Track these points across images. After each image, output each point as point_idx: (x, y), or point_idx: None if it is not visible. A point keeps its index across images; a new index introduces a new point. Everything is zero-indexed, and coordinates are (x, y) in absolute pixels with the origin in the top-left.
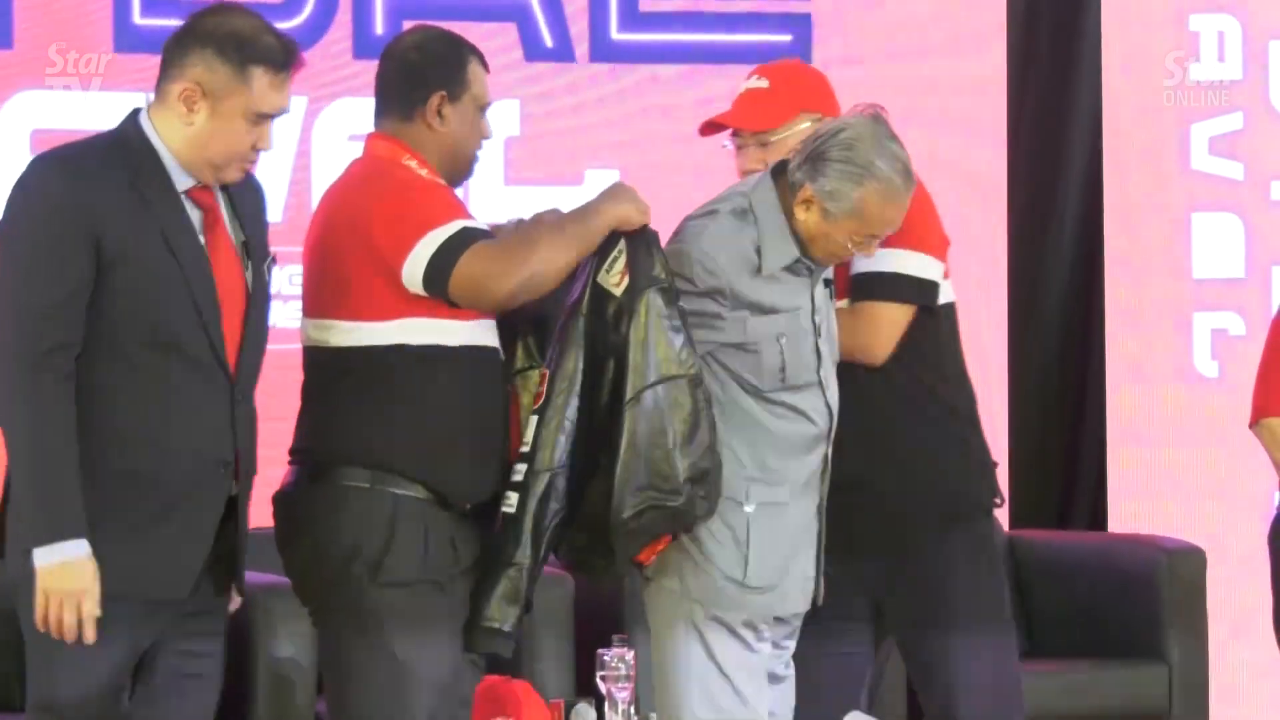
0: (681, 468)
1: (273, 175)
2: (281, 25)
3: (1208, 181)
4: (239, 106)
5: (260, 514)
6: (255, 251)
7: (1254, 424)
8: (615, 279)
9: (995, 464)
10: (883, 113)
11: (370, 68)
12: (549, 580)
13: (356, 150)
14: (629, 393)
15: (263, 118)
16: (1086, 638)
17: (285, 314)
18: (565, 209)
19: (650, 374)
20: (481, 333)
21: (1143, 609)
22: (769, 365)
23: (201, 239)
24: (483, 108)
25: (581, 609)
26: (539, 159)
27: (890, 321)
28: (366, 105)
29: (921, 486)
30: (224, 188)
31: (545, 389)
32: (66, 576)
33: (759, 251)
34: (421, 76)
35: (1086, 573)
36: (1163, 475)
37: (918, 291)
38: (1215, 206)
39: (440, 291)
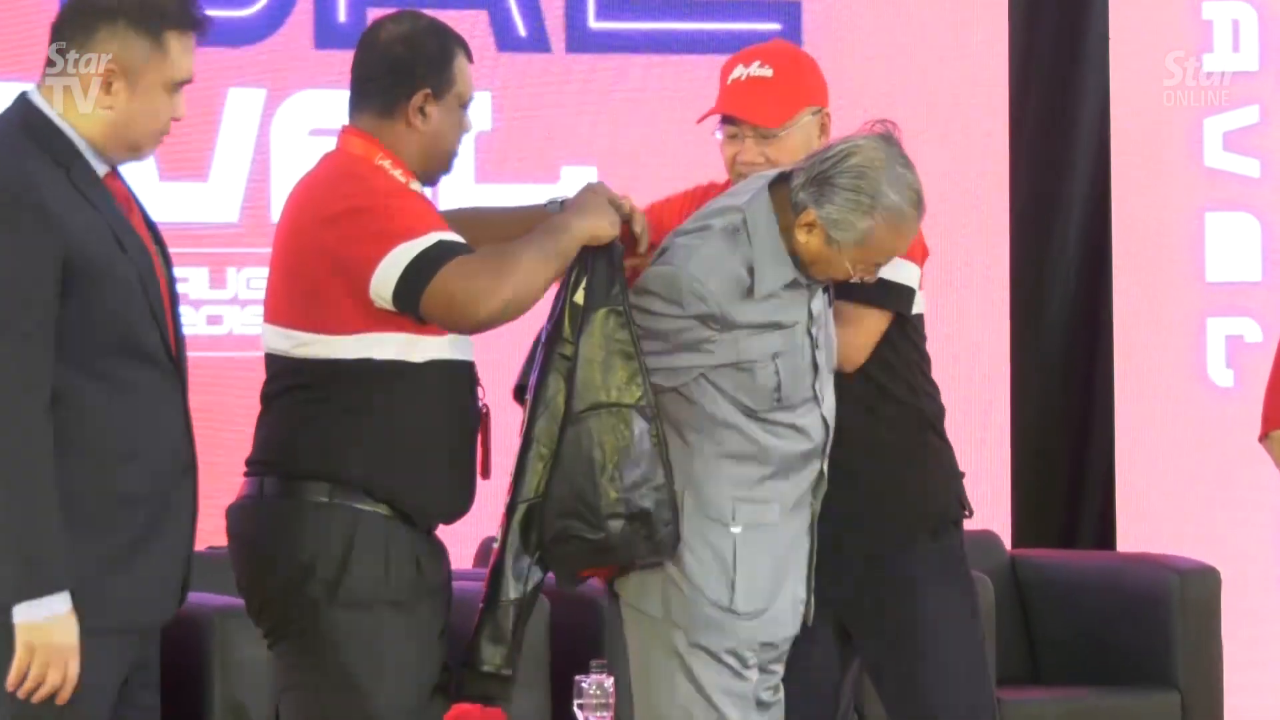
0: (606, 500)
1: (228, 173)
2: (238, 13)
3: (1222, 179)
4: (159, 79)
5: (207, 529)
6: (160, 238)
7: (1263, 437)
8: (583, 296)
9: (963, 474)
10: (894, 131)
11: (333, 58)
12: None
13: (319, 146)
14: (571, 411)
15: (179, 86)
16: (1094, 663)
17: (243, 319)
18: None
19: (590, 395)
20: (453, 347)
21: (1153, 632)
22: (763, 385)
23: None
24: (465, 103)
25: (558, 633)
26: (512, 155)
27: (869, 328)
28: (328, 98)
29: (886, 496)
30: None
31: (526, 415)
32: (54, 633)
33: (751, 272)
34: (407, 72)
35: (1094, 594)
36: (1174, 491)
37: (897, 299)
38: (1230, 205)
39: (411, 309)
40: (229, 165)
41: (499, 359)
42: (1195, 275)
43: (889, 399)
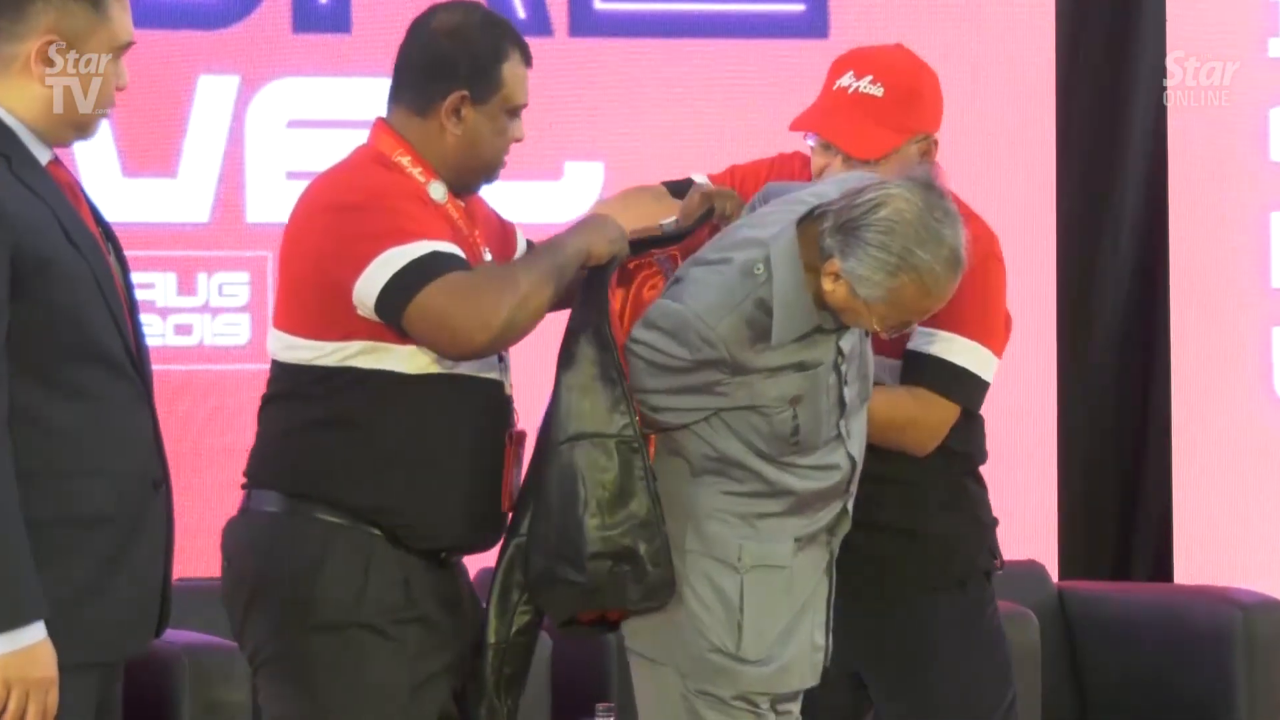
0: (590, 539)
1: (199, 169)
2: None
3: None
4: (101, 46)
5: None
6: (112, 235)
7: None
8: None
9: (996, 522)
10: (938, 177)
11: (312, 43)
12: None
13: (296, 139)
14: (552, 441)
15: (122, 50)
16: (1149, 706)
17: (214, 329)
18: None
19: (570, 426)
20: (461, 362)
21: (1214, 673)
22: (779, 431)
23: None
24: (515, 110)
25: (560, 673)
26: (512, 149)
27: (947, 421)
28: (307, 87)
29: (912, 540)
30: None
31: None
32: (32, 665)
33: (769, 312)
34: (448, 69)
35: (1149, 631)
36: (1237, 517)
37: (970, 392)
38: None
39: (393, 322)
40: (199, 160)
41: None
42: (1260, 280)
43: (941, 448)
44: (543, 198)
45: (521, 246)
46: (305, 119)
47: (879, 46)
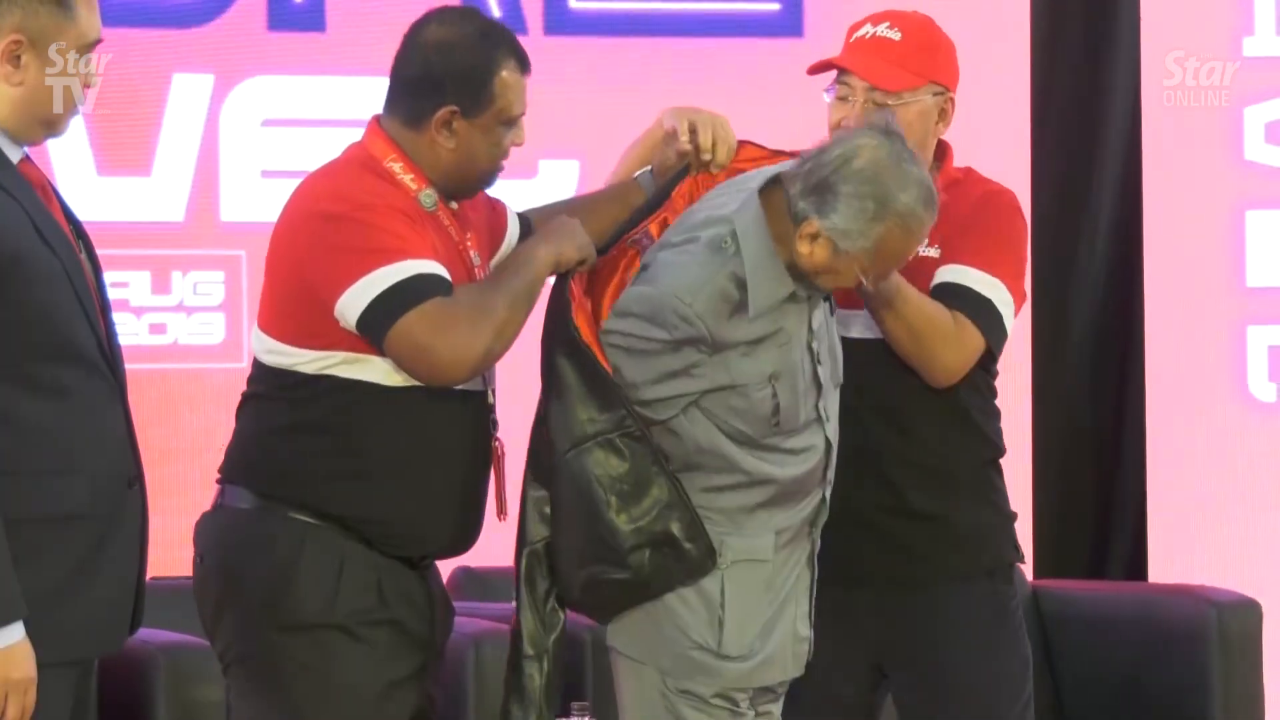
0: (623, 535)
1: (173, 167)
2: None
3: (1264, 174)
4: (70, 44)
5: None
6: (83, 233)
7: None
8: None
9: (1015, 515)
10: (894, 122)
11: (287, 41)
12: (496, 641)
13: (271, 138)
14: (557, 455)
15: (90, 48)
16: (1124, 705)
17: (189, 328)
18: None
19: (571, 434)
20: None
21: (1189, 671)
22: (760, 411)
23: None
24: (510, 120)
25: None
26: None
27: (976, 352)
28: (283, 85)
29: (945, 528)
30: None
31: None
32: (11, 665)
33: (742, 286)
34: (436, 84)
35: (1124, 630)
36: (1212, 516)
37: (1000, 341)
38: (1273, 203)
39: (375, 339)
40: (174, 158)
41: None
42: (1235, 280)
43: (968, 425)
44: (518, 196)
45: (513, 230)
46: (280, 118)
47: (897, 10)
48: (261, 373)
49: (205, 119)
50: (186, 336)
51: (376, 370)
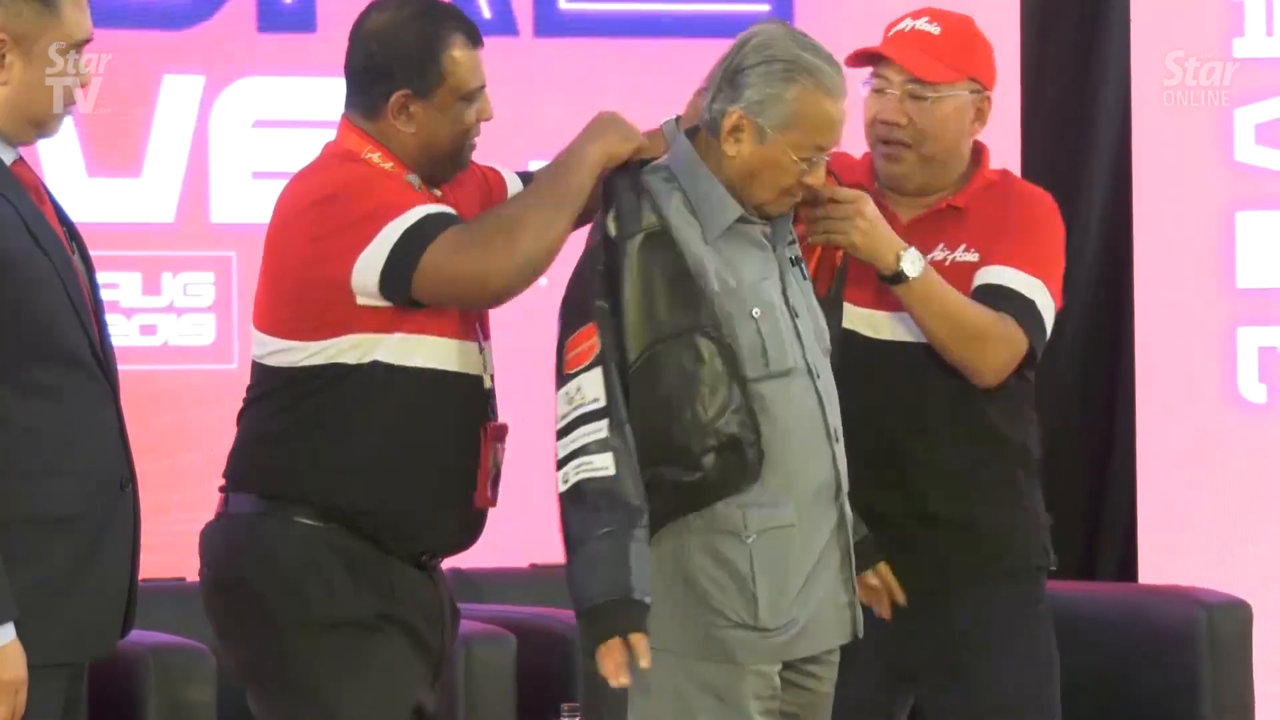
0: (697, 435)
1: (163, 169)
2: None
3: (1254, 175)
4: (55, 43)
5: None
6: (77, 235)
7: None
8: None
9: (1050, 519)
10: (982, 152)
11: (277, 43)
12: (485, 639)
13: (261, 139)
14: (626, 361)
15: (78, 48)
16: (1114, 706)
17: (180, 329)
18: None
19: (645, 335)
20: (448, 356)
21: (1179, 672)
22: (749, 345)
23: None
24: (467, 95)
25: (526, 672)
26: (476, 149)
27: (1019, 354)
28: (272, 86)
29: (966, 531)
30: None
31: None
32: (2, 666)
33: (695, 214)
34: (382, 71)
35: (1114, 631)
36: (1202, 518)
37: (1042, 338)
38: (1263, 204)
39: (401, 293)
40: (164, 160)
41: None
42: (1225, 281)
43: (992, 431)
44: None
45: (513, 185)
46: (270, 119)
47: (934, 7)
48: (263, 375)
49: (195, 120)
50: (177, 338)
51: (386, 349)
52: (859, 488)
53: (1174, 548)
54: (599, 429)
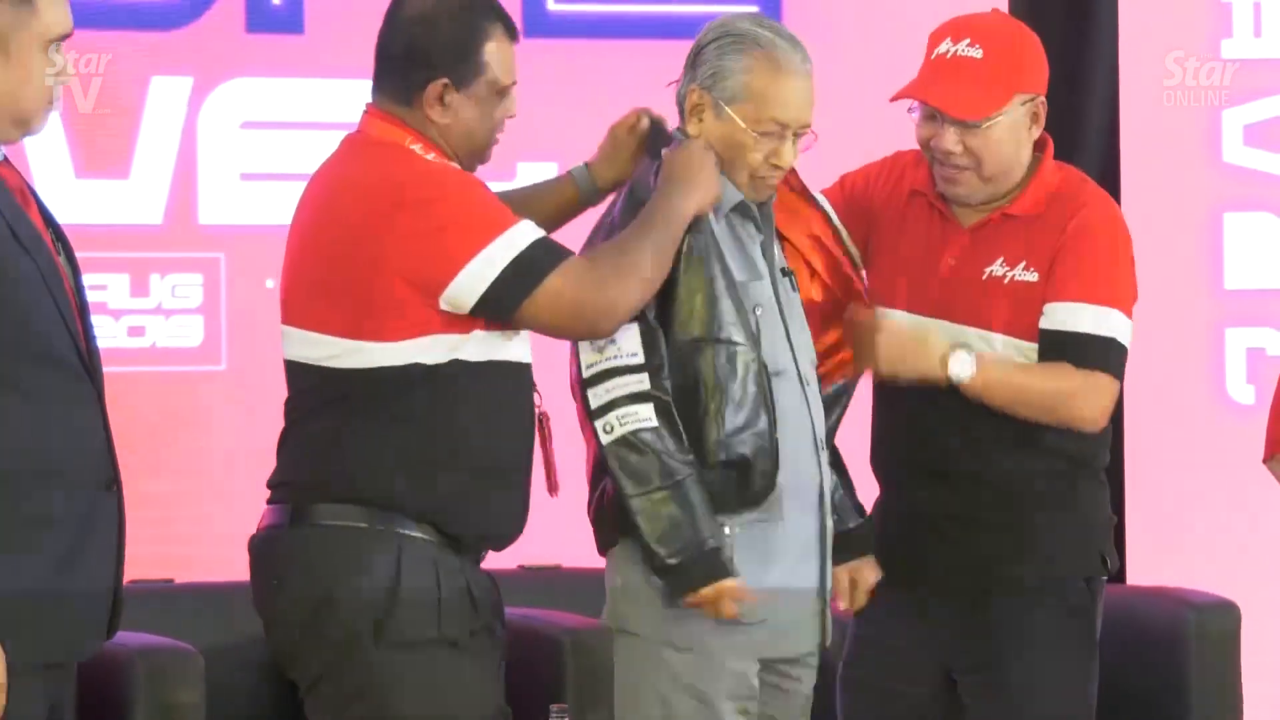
0: (708, 442)
1: (152, 170)
2: None
3: (1242, 176)
4: (33, 39)
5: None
6: (63, 236)
7: (1268, 459)
8: None
9: (1112, 523)
10: (1046, 144)
11: (266, 43)
12: None
13: (251, 140)
14: (674, 338)
15: (58, 42)
16: (1103, 705)
17: (168, 330)
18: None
19: (693, 328)
20: (509, 345)
21: (1167, 673)
22: (747, 322)
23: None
24: (503, 90)
25: (515, 675)
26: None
27: (1109, 393)
28: (262, 87)
29: (1009, 541)
30: None
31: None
32: None
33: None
34: (422, 58)
35: (1103, 631)
36: (1190, 519)
37: (1120, 360)
38: (1251, 205)
39: (500, 314)
40: (152, 161)
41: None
42: (1213, 282)
43: (1038, 441)
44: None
45: None
46: (259, 120)
47: (975, 13)
48: (322, 378)
49: (184, 121)
50: (165, 339)
51: (461, 348)
52: (906, 489)
53: (1162, 549)
54: (639, 380)
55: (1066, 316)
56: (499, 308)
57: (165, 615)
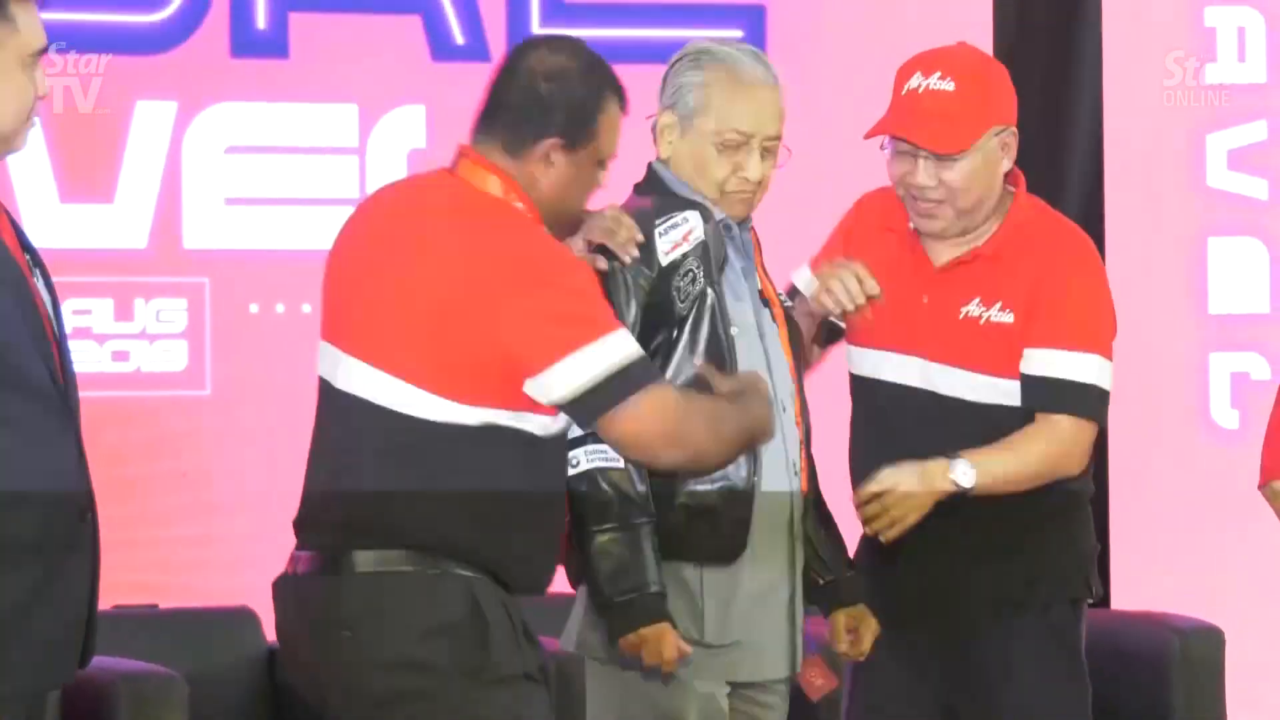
0: (679, 491)
1: (136, 195)
2: (146, 18)
3: (1226, 201)
4: (13, 55)
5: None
6: (39, 261)
7: (1263, 485)
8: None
9: (1097, 548)
10: (1017, 178)
11: (250, 68)
12: None
13: (235, 165)
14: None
15: (36, 57)
16: None
17: (152, 355)
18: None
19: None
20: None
21: (1152, 697)
22: (730, 347)
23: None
24: (603, 161)
25: None
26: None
27: (1089, 439)
28: (246, 112)
29: (986, 563)
30: None
31: None
32: None
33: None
34: (544, 114)
35: (1087, 655)
36: (1174, 543)
37: (1103, 407)
38: (1235, 230)
39: (581, 420)
40: (137, 186)
41: None
42: (1197, 307)
43: (1049, 486)
44: None
45: None
46: (243, 144)
47: (942, 47)
48: (396, 423)
49: (168, 146)
50: (149, 364)
51: (531, 423)
52: None
53: (1147, 573)
54: None
55: (1044, 364)
56: (581, 412)
57: (149, 641)
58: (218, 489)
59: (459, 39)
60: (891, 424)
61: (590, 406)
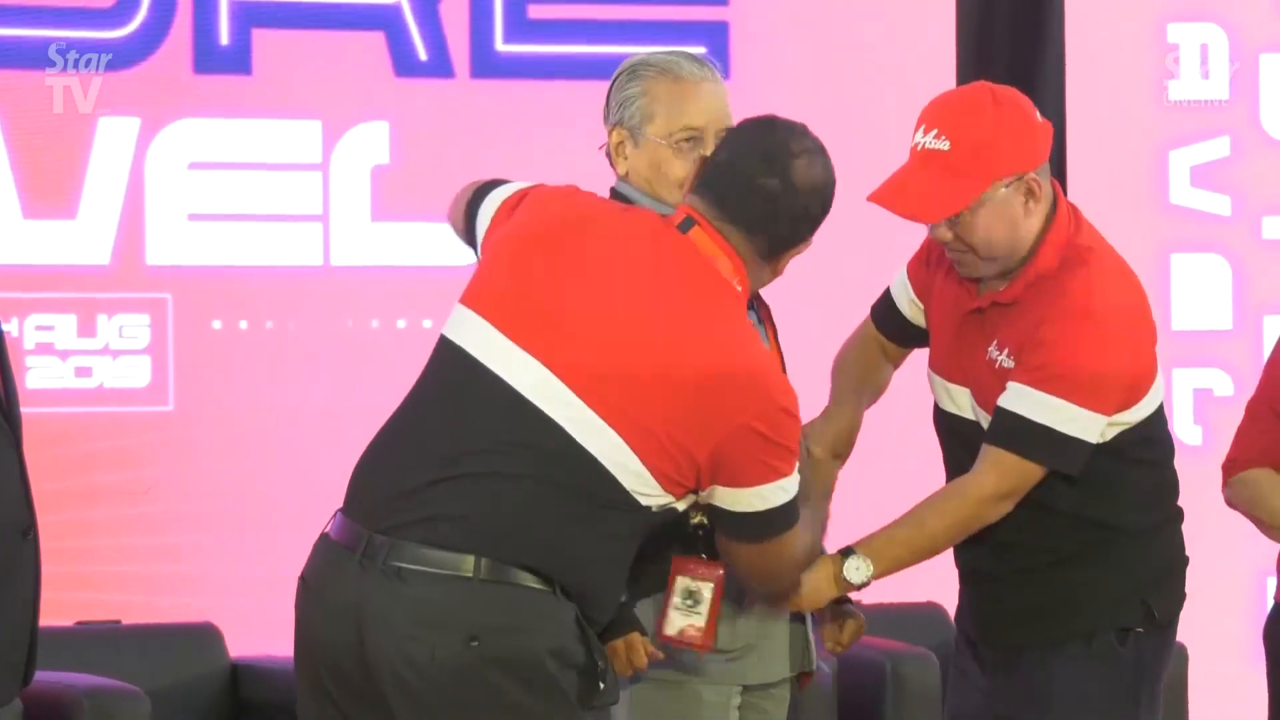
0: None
1: (99, 211)
2: (109, 34)
3: (1189, 218)
4: None
5: (72, 600)
6: None
7: (1226, 484)
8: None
9: (1165, 572)
10: (1074, 214)
11: (214, 84)
12: None
13: (197, 181)
14: None
15: None
16: None
17: (115, 371)
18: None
19: None
20: None
21: None
22: None
23: None
24: (779, 272)
25: None
26: (411, 191)
27: (1021, 474)
28: (209, 128)
29: (1029, 594)
30: None
31: None
32: None
33: None
34: (803, 231)
35: None
36: None
37: (1051, 453)
38: (1197, 246)
39: (733, 537)
40: (99, 202)
41: None
42: (1160, 323)
43: (1052, 514)
44: (447, 240)
45: None
46: (206, 161)
47: (956, 92)
48: (563, 461)
49: (131, 162)
50: (112, 379)
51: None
52: (957, 546)
53: None
54: None
55: (1005, 396)
56: (733, 526)
57: (112, 656)
58: (181, 505)
59: (422, 55)
60: (956, 451)
61: (749, 530)
